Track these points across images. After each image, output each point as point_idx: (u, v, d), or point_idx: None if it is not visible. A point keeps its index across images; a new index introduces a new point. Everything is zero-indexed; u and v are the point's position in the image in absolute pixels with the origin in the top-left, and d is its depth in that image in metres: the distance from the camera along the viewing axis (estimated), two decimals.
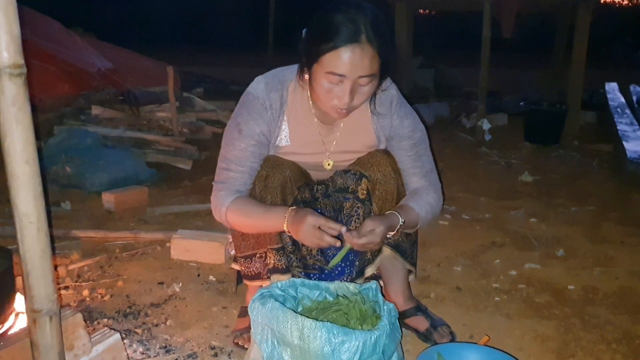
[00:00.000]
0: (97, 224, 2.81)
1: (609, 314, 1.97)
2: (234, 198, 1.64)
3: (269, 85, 1.67)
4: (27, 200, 1.01)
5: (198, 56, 11.20)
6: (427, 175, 1.78)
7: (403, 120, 1.74)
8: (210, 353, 1.71)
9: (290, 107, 1.68)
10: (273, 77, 1.69)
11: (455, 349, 1.54)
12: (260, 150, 1.68)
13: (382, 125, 1.73)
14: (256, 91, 1.66)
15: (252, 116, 1.65)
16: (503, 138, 4.80)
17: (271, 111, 1.65)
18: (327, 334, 1.26)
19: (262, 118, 1.65)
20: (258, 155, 1.68)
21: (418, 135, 1.77)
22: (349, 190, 1.76)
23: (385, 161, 1.73)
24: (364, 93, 1.53)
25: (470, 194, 3.34)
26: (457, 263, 2.39)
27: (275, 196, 1.66)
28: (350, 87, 1.48)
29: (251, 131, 1.65)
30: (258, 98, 1.65)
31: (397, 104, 1.73)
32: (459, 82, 7.15)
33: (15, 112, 0.97)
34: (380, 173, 1.71)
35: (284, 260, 1.69)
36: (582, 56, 4.86)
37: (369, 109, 1.70)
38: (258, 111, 1.65)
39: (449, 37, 11.75)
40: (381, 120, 1.73)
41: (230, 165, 1.67)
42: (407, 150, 1.75)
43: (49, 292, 1.08)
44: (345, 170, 1.78)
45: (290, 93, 1.68)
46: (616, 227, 2.81)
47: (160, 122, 4.53)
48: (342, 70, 1.46)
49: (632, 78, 7.35)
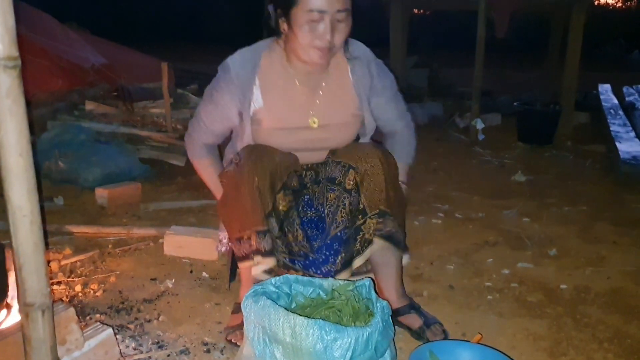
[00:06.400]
0: (90, 220, 2.80)
1: (601, 314, 1.98)
2: (201, 156, 1.91)
3: (243, 55, 1.79)
4: (21, 193, 1.01)
5: (193, 53, 11.17)
6: (403, 116, 1.98)
7: (379, 74, 1.87)
8: (202, 349, 1.71)
9: (264, 71, 1.78)
10: (248, 48, 1.81)
11: (448, 347, 1.55)
12: (226, 117, 1.83)
13: (361, 81, 1.83)
14: (231, 61, 1.78)
15: (221, 86, 1.79)
16: (496, 138, 4.82)
17: (239, 81, 1.76)
18: (319, 331, 1.26)
19: (229, 89, 1.77)
20: (224, 121, 1.84)
21: (389, 83, 1.91)
22: (336, 182, 1.78)
23: (373, 153, 1.74)
24: (342, 30, 1.65)
25: (463, 193, 3.35)
26: (450, 262, 2.40)
27: (264, 180, 1.66)
28: (330, 22, 1.60)
29: (219, 99, 1.80)
30: (230, 69, 1.77)
31: (370, 60, 1.86)
32: (453, 81, 7.18)
33: (10, 105, 0.97)
34: (368, 164, 1.72)
35: (267, 244, 1.67)
36: (576, 57, 4.88)
37: (348, 72, 1.83)
38: (226, 81, 1.77)
39: (443, 36, 11.77)
40: (360, 78, 1.83)
41: (200, 123, 1.88)
42: (385, 104, 1.90)
43: (41, 286, 1.07)
44: (336, 161, 1.80)
45: (264, 58, 1.78)
46: (608, 227, 2.83)
47: (154, 118, 4.51)
48: (321, 5, 1.58)
49: (625, 80, 7.39)
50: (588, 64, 6.09)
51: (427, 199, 3.20)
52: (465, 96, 6.00)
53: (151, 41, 10.36)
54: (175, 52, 9.69)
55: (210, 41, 13.39)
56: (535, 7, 6.18)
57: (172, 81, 4.93)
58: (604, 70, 8.96)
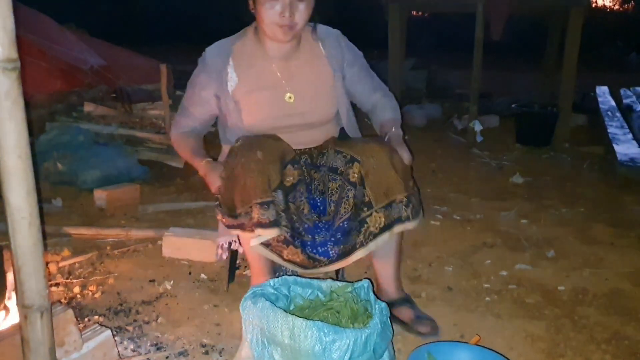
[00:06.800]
0: (88, 221, 2.80)
1: (599, 315, 1.99)
2: (182, 134, 2.00)
3: (219, 43, 1.91)
4: (20, 195, 1.01)
5: (191, 54, 11.12)
6: (378, 88, 2.05)
7: (350, 49, 1.98)
8: (201, 351, 1.71)
9: (237, 53, 1.88)
10: (225, 38, 1.93)
11: (446, 348, 1.55)
12: (204, 100, 1.92)
13: (333, 54, 1.92)
14: (208, 49, 1.91)
15: (198, 75, 1.91)
16: (495, 140, 4.82)
17: (214, 64, 1.86)
18: (318, 333, 1.27)
19: (205, 71, 1.88)
20: (204, 105, 1.93)
21: (360, 60, 2.02)
22: (337, 172, 1.79)
23: (380, 149, 1.74)
24: (302, 11, 1.74)
25: (461, 195, 3.35)
26: (449, 263, 2.40)
27: (269, 154, 1.68)
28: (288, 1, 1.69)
29: (197, 83, 1.92)
30: (205, 56, 1.89)
31: (340, 37, 1.97)
32: (451, 83, 7.18)
33: (9, 107, 0.97)
34: (374, 160, 1.71)
35: (271, 215, 1.64)
36: (573, 59, 4.88)
37: (320, 48, 1.92)
38: (202, 65, 1.90)
39: (441, 39, 11.78)
40: (331, 51, 1.93)
41: (182, 108, 2.00)
42: (358, 73, 1.99)
43: (40, 288, 1.07)
44: (337, 151, 1.81)
45: (237, 42, 1.89)
46: (606, 228, 2.83)
47: (152, 120, 4.51)
48: None
49: (622, 82, 7.40)
50: (586, 66, 6.09)
51: (425, 201, 3.17)
52: (463, 98, 6.00)
53: (150, 43, 10.35)
54: (174, 53, 9.65)
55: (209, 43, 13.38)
56: (533, 10, 6.18)
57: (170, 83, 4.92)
58: (602, 72, 8.96)
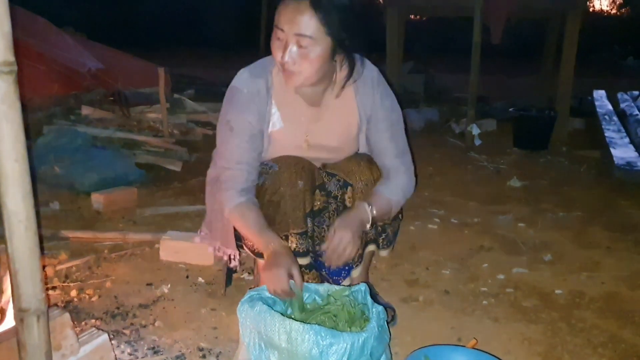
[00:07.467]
0: (85, 225, 2.80)
1: (596, 318, 1.99)
2: (238, 203, 1.65)
3: (253, 73, 1.71)
4: (16, 198, 1.01)
5: (189, 57, 11.17)
6: (400, 155, 1.80)
7: (383, 100, 1.77)
8: (198, 354, 1.71)
9: (277, 90, 1.71)
10: (255, 66, 1.73)
11: (443, 352, 1.55)
12: (255, 143, 1.70)
13: (364, 103, 1.76)
14: (240, 84, 1.70)
15: (240, 109, 1.68)
16: (492, 143, 4.82)
17: (259, 98, 1.68)
18: (315, 337, 1.27)
19: (250, 109, 1.68)
20: (255, 149, 1.70)
21: (395, 116, 1.81)
22: (332, 195, 1.79)
23: (367, 170, 1.76)
24: (306, 56, 1.56)
25: (459, 199, 3.35)
26: (446, 267, 2.41)
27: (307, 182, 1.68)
28: (286, 41, 1.54)
29: (242, 126, 1.68)
30: (242, 90, 1.68)
31: (377, 83, 1.77)
32: (448, 87, 7.19)
33: (5, 110, 0.96)
34: (362, 183, 1.75)
35: (307, 244, 1.70)
36: (571, 63, 4.90)
37: (353, 95, 1.75)
38: (244, 103, 1.68)
39: (439, 42, 11.81)
40: (364, 99, 1.76)
41: (230, 163, 1.69)
42: (384, 131, 1.78)
43: (36, 291, 1.07)
44: (330, 174, 1.80)
45: (274, 76, 1.71)
46: (603, 232, 2.84)
47: (150, 123, 4.51)
48: (281, 24, 1.54)
49: (619, 86, 7.43)
50: (583, 70, 6.10)
51: (422, 204, 3.20)
52: (461, 102, 6.01)
53: (148, 46, 10.35)
54: (171, 57, 9.69)
55: (207, 46, 13.41)
56: (531, 14, 6.20)
57: (168, 86, 4.94)
58: (599, 76, 8.99)
